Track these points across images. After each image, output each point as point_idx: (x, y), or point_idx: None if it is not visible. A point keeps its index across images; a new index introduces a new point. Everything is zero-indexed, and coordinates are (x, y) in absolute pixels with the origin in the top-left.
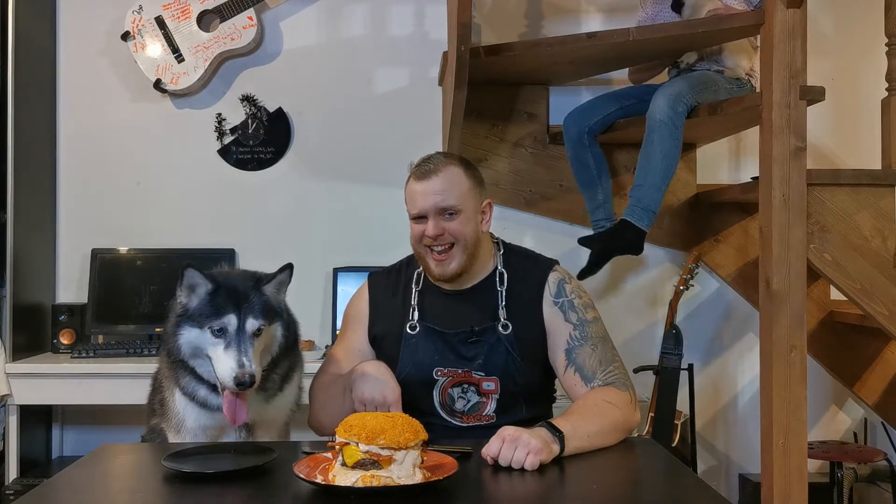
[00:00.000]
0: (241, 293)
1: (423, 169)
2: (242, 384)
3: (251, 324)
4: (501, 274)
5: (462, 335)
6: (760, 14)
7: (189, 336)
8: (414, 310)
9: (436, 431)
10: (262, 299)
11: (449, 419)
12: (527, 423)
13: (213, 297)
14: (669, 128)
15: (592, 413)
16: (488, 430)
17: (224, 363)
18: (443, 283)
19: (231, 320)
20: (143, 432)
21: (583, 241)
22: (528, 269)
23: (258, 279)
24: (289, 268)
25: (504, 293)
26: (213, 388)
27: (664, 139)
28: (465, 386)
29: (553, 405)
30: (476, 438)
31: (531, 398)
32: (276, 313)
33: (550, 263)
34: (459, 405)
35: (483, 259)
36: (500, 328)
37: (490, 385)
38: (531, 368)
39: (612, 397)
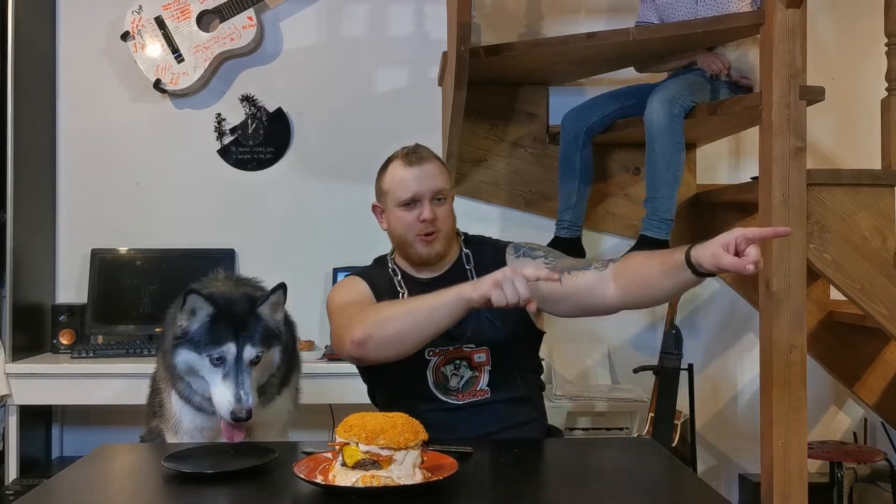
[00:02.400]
0: (240, 320)
1: (416, 156)
2: (239, 419)
3: (249, 352)
4: (468, 255)
5: None
6: (760, 14)
7: (186, 359)
8: (403, 296)
9: (434, 419)
10: (260, 324)
11: (445, 399)
12: (521, 399)
13: (213, 324)
14: (668, 134)
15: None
16: (484, 407)
17: (221, 394)
18: (420, 272)
19: (230, 349)
20: (143, 433)
21: None
22: (487, 249)
23: (253, 301)
24: (281, 288)
25: (473, 271)
26: None
27: (664, 148)
28: (458, 361)
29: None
30: (473, 419)
31: (523, 372)
32: (275, 335)
33: (505, 243)
34: (453, 382)
35: (454, 244)
36: None
37: (481, 357)
38: (515, 335)
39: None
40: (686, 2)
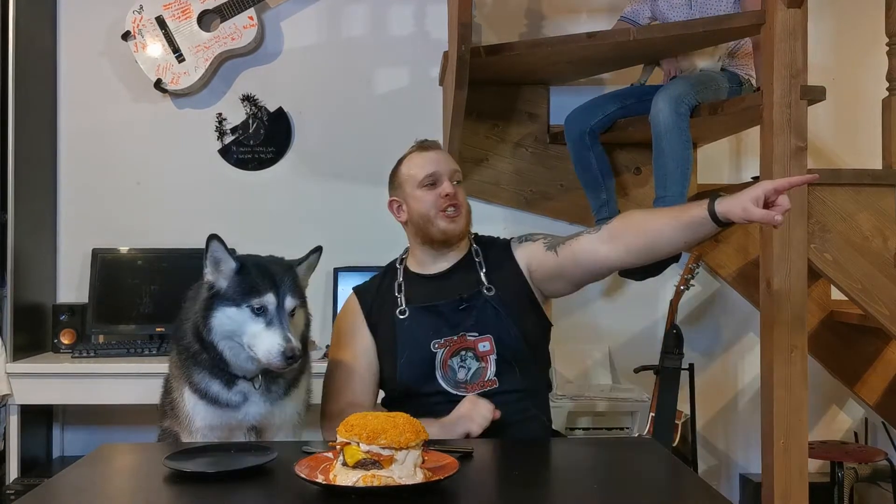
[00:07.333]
0: (277, 272)
1: (430, 142)
2: (292, 358)
3: (290, 302)
4: (476, 249)
5: (452, 304)
6: (761, 14)
7: (225, 315)
8: (401, 299)
9: (445, 412)
10: (294, 280)
11: (455, 392)
12: (528, 392)
13: (248, 276)
14: (676, 132)
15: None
16: (494, 397)
17: (268, 341)
18: (429, 266)
19: (270, 298)
20: (158, 433)
21: (624, 275)
22: (493, 246)
23: (290, 261)
24: (318, 250)
25: (482, 263)
26: (227, 382)
27: (673, 145)
28: (463, 353)
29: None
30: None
31: (525, 364)
32: (304, 296)
33: (506, 240)
34: (461, 375)
35: (466, 237)
36: (485, 291)
37: (485, 346)
38: (520, 327)
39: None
40: (680, 4)
